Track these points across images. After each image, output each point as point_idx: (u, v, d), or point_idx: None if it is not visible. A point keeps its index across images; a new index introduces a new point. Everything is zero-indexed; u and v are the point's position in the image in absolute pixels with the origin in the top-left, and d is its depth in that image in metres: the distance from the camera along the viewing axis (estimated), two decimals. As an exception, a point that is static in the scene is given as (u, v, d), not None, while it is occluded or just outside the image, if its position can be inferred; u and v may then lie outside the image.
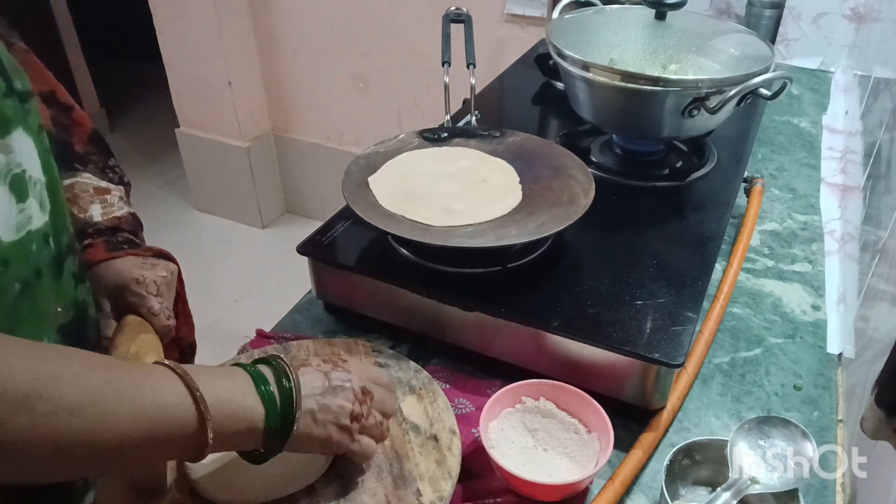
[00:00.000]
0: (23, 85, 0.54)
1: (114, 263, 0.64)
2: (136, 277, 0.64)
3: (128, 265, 0.65)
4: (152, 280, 0.65)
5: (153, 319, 0.64)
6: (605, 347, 0.65)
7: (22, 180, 0.52)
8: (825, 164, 1.14)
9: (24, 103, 0.54)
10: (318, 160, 2.45)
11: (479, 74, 0.94)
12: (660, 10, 0.95)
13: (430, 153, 0.86)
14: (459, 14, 1.01)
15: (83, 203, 0.67)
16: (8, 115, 0.51)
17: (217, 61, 2.25)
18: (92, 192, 0.68)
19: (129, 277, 0.64)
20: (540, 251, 0.77)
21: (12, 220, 0.51)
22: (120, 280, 0.63)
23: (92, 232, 0.66)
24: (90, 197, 0.67)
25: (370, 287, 0.75)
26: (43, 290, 0.53)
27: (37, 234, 0.53)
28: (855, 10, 1.40)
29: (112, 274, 0.64)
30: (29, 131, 0.53)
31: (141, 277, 0.64)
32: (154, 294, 0.64)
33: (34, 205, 0.53)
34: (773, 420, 0.61)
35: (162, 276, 0.66)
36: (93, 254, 0.65)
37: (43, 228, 0.54)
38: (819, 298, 0.85)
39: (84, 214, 0.66)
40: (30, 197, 0.52)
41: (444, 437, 0.61)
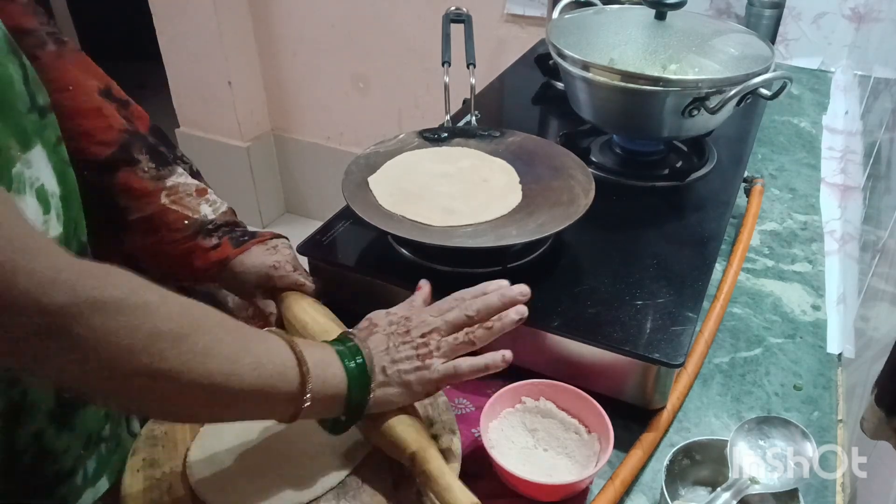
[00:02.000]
0: (43, 100, 0.56)
1: (242, 260, 0.70)
2: (272, 264, 0.70)
3: (258, 256, 0.71)
4: (285, 260, 0.71)
5: (303, 289, 0.71)
6: (605, 347, 0.65)
7: (44, 193, 0.54)
8: (825, 164, 1.14)
9: (43, 118, 0.55)
10: (318, 160, 2.45)
11: (479, 74, 0.94)
12: (660, 10, 0.95)
13: (430, 153, 0.86)
14: (459, 14, 1.01)
15: (192, 205, 0.71)
16: (29, 131, 0.52)
17: (217, 61, 2.25)
18: (195, 195, 0.72)
19: (267, 266, 0.70)
20: (540, 251, 0.77)
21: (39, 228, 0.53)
22: (259, 270, 0.70)
23: (211, 230, 0.71)
24: (195, 199, 0.72)
25: (370, 287, 0.75)
26: None
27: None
28: (855, 10, 1.40)
29: (248, 268, 0.70)
30: (45, 145, 0.54)
31: (276, 263, 0.70)
32: (293, 270, 0.71)
33: (53, 216, 0.55)
34: (773, 420, 0.61)
35: (287, 252, 0.72)
36: (223, 251, 0.70)
37: (57, 238, 0.55)
38: (819, 298, 0.85)
39: (198, 215, 0.71)
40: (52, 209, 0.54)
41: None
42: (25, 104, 0.53)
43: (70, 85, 0.66)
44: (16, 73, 0.52)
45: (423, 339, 0.57)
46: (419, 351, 0.56)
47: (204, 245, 0.70)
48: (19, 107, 0.52)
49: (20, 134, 0.52)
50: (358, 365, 0.54)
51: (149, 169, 0.69)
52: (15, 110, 0.51)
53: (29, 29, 0.63)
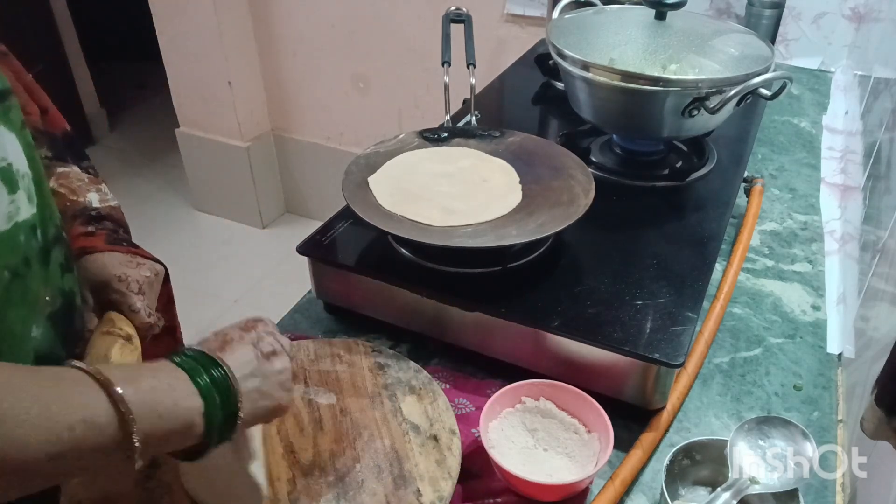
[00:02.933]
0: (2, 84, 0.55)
1: (99, 258, 0.63)
2: (119, 275, 0.63)
3: (113, 261, 0.64)
4: (135, 279, 0.64)
5: (133, 317, 0.62)
6: (605, 347, 0.65)
7: (10, 173, 0.52)
8: (825, 164, 1.14)
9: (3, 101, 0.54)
10: (318, 160, 2.45)
11: (479, 74, 0.94)
12: (660, 10, 0.95)
13: (430, 153, 0.86)
14: (459, 14, 1.01)
15: (80, 190, 0.67)
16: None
17: (217, 61, 2.25)
18: (87, 182, 0.68)
19: (112, 274, 0.63)
20: (540, 251, 0.77)
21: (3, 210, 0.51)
22: (103, 275, 0.63)
23: (93, 217, 0.66)
24: (86, 185, 0.67)
25: (370, 287, 0.75)
26: (32, 279, 0.54)
27: (24, 224, 0.53)
28: (855, 10, 1.40)
29: (97, 268, 0.63)
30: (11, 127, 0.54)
31: (123, 275, 0.63)
32: (135, 292, 0.63)
33: (23, 197, 0.53)
34: (772, 420, 0.61)
35: (146, 275, 0.65)
36: (93, 242, 0.65)
37: (31, 220, 0.54)
38: (819, 298, 0.85)
39: (83, 199, 0.66)
40: (19, 189, 0.53)
41: (444, 437, 0.61)
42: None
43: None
44: None
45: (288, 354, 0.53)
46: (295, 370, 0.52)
47: (76, 230, 0.64)
48: None
49: None
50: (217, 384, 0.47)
51: (43, 157, 0.66)
52: None
53: None
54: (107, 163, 2.84)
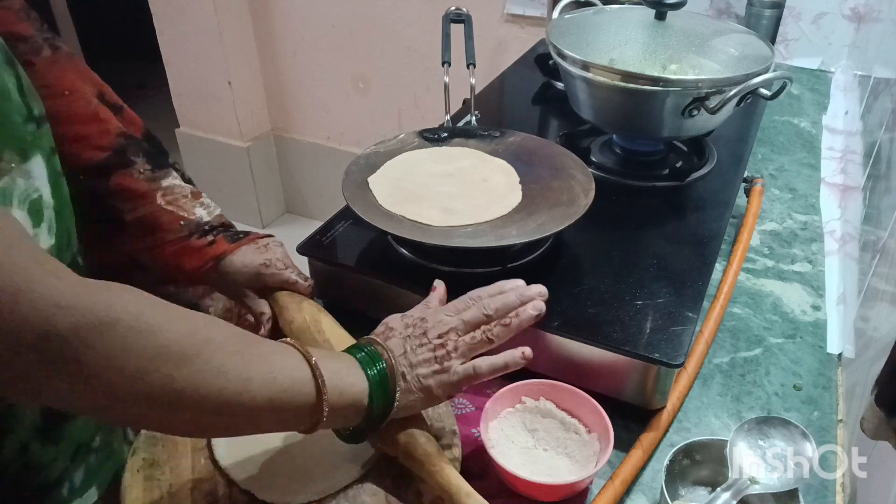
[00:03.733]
0: (38, 110, 0.55)
1: (233, 259, 0.69)
2: (263, 262, 0.69)
3: (248, 255, 0.69)
4: (276, 258, 0.70)
5: (296, 287, 0.70)
6: (605, 347, 0.65)
7: (39, 205, 0.53)
8: (825, 164, 1.14)
9: (39, 128, 0.54)
10: (318, 160, 2.45)
11: (479, 74, 0.94)
12: (660, 10, 0.95)
13: (430, 153, 0.86)
14: (459, 14, 1.01)
15: (187, 206, 0.71)
16: (28, 141, 0.52)
17: (217, 61, 2.25)
18: (190, 197, 0.72)
19: (258, 264, 0.69)
20: (540, 251, 0.77)
21: None
22: (250, 269, 0.69)
23: (208, 230, 0.71)
24: (191, 202, 0.71)
25: (370, 287, 0.75)
26: None
27: None
28: (855, 10, 1.40)
29: (238, 267, 0.69)
30: (42, 154, 0.54)
31: (266, 261, 0.69)
32: (285, 268, 0.70)
33: (44, 229, 0.54)
34: (772, 420, 0.61)
35: (280, 251, 0.71)
36: (220, 249, 0.69)
37: (49, 250, 0.54)
38: (819, 298, 0.85)
39: (193, 217, 0.71)
40: (43, 222, 0.54)
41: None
42: (22, 115, 0.52)
43: (66, 90, 0.65)
44: (11, 84, 0.51)
45: (441, 339, 0.56)
46: (437, 353, 0.55)
47: (197, 244, 0.69)
48: (16, 118, 0.51)
49: (18, 145, 0.51)
50: (379, 372, 0.53)
51: (144, 171, 0.69)
52: (11, 121, 0.51)
53: (24, 35, 0.63)
54: (107, 163, 2.83)
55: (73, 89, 0.66)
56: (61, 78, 0.65)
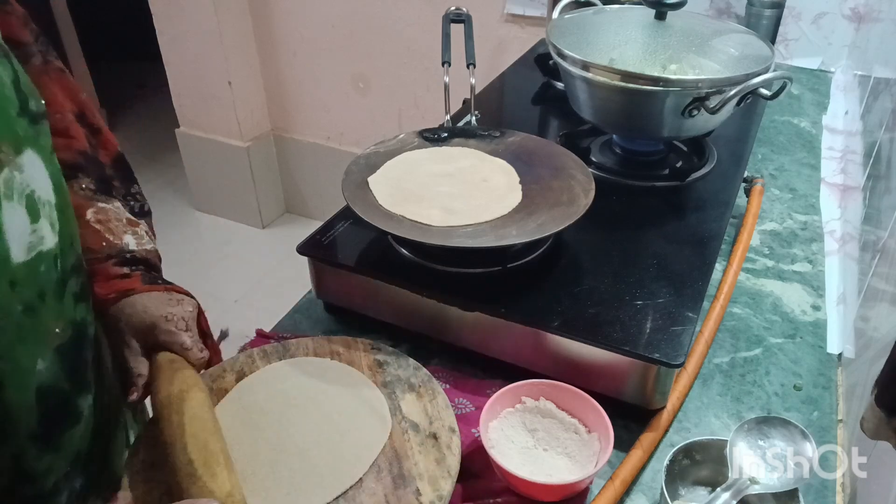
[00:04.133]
0: (37, 106, 0.55)
1: (140, 300, 0.64)
2: (165, 315, 0.64)
3: (155, 302, 0.64)
4: (181, 316, 0.65)
5: (186, 354, 0.64)
6: (605, 347, 0.65)
7: (33, 201, 0.52)
8: (825, 164, 1.14)
9: (36, 124, 0.54)
10: (318, 160, 2.45)
11: (479, 74, 0.94)
12: (660, 10, 0.95)
13: (430, 153, 0.86)
14: (459, 14, 1.01)
15: (116, 231, 0.67)
16: (20, 135, 0.51)
17: (217, 61, 2.25)
18: (125, 223, 0.68)
19: (158, 315, 0.63)
20: (540, 251, 0.77)
21: (25, 240, 0.51)
22: (148, 318, 0.63)
23: (128, 259, 0.67)
24: (123, 227, 0.68)
25: (370, 287, 0.75)
26: (45, 312, 0.54)
27: (47, 255, 0.53)
28: (855, 10, 1.40)
29: (139, 311, 0.64)
30: (40, 152, 0.54)
31: (170, 315, 0.64)
32: (184, 330, 0.64)
33: (45, 225, 0.53)
34: (772, 420, 0.61)
35: (189, 311, 0.66)
36: (131, 284, 0.65)
37: (53, 250, 0.54)
38: (819, 298, 0.85)
39: (118, 242, 0.67)
40: (42, 218, 0.53)
41: (443, 436, 0.61)
42: (14, 107, 0.51)
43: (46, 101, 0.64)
44: (6, 77, 0.51)
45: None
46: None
47: (112, 272, 0.65)
48: (8, 110, 0.51)
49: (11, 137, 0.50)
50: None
51: (86, 188, 0.67)
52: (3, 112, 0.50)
53: (21, 41, 0.63)
54: (107, 163, 2.84)
55: (51, 101, 0.64)
56: (45, 88, 0.64)
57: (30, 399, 0.54)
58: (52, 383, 0.55)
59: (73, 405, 0.59)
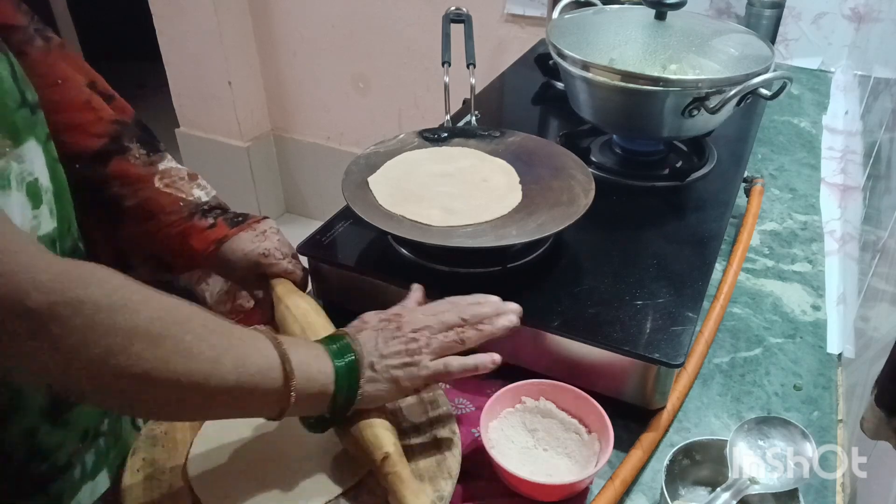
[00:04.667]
0: (32, 96, 0.56)
1: (235, 244, 0.70)
2: (262, 252, 0.70)
3: (246, 243, 0.70)
4: (274, 248, 0.70)
5: (291, 276, 0.70)
6: (605, 347, 0.65)
7: (36, 188, 0.53)
8: (825, 164, 1.14)
9: (33, 114, 0.55)
10: (318, 160, 2.45)
11: (479, 74, 0.94)
12: (660, 10, 0.95)
13: (430, 153, 0.86)
14: (459, 14, 1.01)
15: (185, 188, 0.71)
16: (20, 126, 0.52)
17: (217, 61, 2.25)
18: (187, 178, 0.72)
19: (257, 253, 0.69)
20: (540, 251, 0.77)
21: (27, 225, 0.53)
22: (250, 258, 0.69)
23: (207, 210, 0.71)
24: (188, 183, 0.72)
25: (370, 287, 0.75)
26: None
27: (45, 238, 0.55)
28: (855, 10, 1.40)
29: (239, 255, 0.70)
30: (38, 141, 0.54)
31: (265, 250, 0.70)
32: (281, 258, 0.70)
33: (45, 211, 0.55)
34: (772, 420, 0.61)
35: (276, 238, 0.72)
36: (219, 232, 0.70)
37: (51, 234, 0.55)
38: (819, 298, 0.85)
39: (192, 198, 0.71)
40: (42, 203, 0.54)
41: (443, 437, 0.61)
42: (15, 100, 0.53)
43: (59, 79, 0.66)
44: (4, 70, 0.52)
45: (414, 334, 0.57)
46: (409, 346, 0.56)
47: (200, 225, 0.70)
48: (9, 103, 0.52)
49: (11, 129, 0.52)
50: (347, 363, 0.54)
51: (140, 155, 0.70)
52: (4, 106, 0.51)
53: (17, 25, 0.63)
54: (107, 163, 2.83)
55: (65, 78, 0.66)
56: (54, 67, 0.66)
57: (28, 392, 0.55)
58: None
59: None
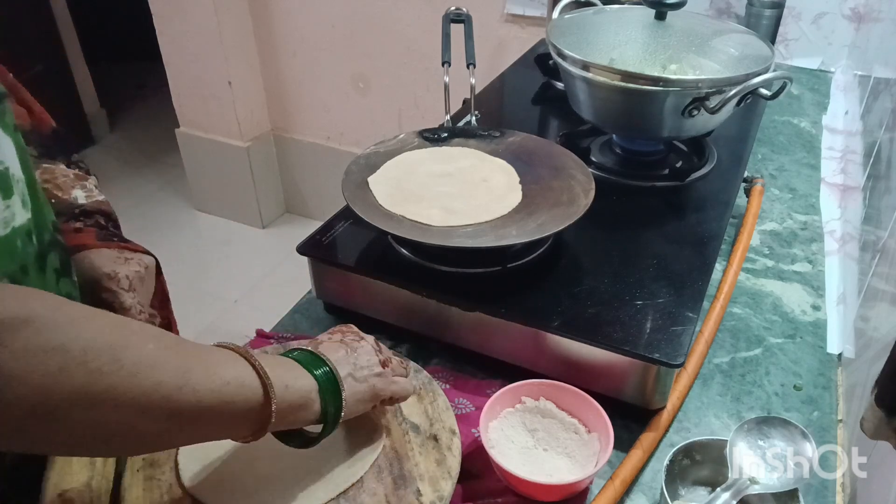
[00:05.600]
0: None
1: (88, 255, 0.63)
2: (109, 273, 0.62)
3: (102, 259, 0.63)
4: (125, 275, 0.63)
5: (126, 314, 0.62)
6: (605, 347, 0.65)
7: (7, 178, 0.52)
8: (825, 164, 1.14)
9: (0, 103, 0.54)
10: (318, 160, 2.45)
11: (479, 74, 0.94)
12: (660, 10, 0.95)
13: (430, 153, 0.86)
14: (459, 14, 1.01)
15: (65, 186, 0.66)
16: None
17: (217, 61, 2.25)
18: (72, 177, 0.67)
19: (102, 272, 0.62)
20: (540, 251, 0.77)
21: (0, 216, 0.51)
22: (93, 274, 0.62)
23: (79, 213, 0.65)
24: (71, 181, 0.67)
25: (370, 287, 0.75)
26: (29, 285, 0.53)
27: (21, 230, 0.53)
28: (855, 10, 1.40)
29: (86, 267, 0.62)
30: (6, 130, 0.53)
31: (113, 273, 0.63)
32: (126, 289, 0.63)
33: (17, 202, 0.53)
34: (772, 420, 0.61)
35: (135, 270, 0.65)
36: (83, 239, 0.64)
37: (26, 225, 0.54)
38: (819, 298, 0.85)
39: (68, 196, 0.65)
40: (14, 194, 0.53)
41: (443, 437, 0.61)
42: None
43: None
44: None
45: (377, 346, 0.58)
46: (378, 357, 0.57)
47: (64, 228, 0.63)
48: None
49: None
50: (324, 372, 0.53)
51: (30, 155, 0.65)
52: None
53: None
54: (107, 163, 2.84)
55: None
56: None
57: None
58: None
59: None
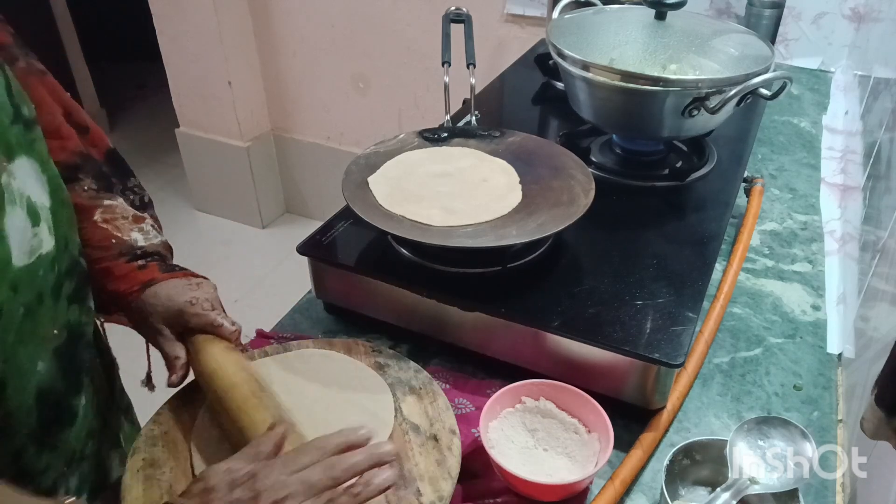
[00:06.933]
0: (29, 112, 0.55)
1: (162, 289, 0.65)
2: (189, 300, 0.64)
3: (176, 289, 0.65)
4: (204, 298, 0.65)
5: (219, 331, 0.64)
6: (605, 347, 0.65)
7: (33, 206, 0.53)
8: (825, 164, 1.14)
9: (29, 130, 0.54)
10: (318, 160, 2.45)
11: (479, 74, 0.94)
12: (660, 10, 0.95)
13: (430, 153, 0.86)
14: (459, 14, 1.01)
15: (123, 227, 0.68)
16: (12, 143, 0.52)
17: (217, 61, 2.25)
18: (131, 220, 0.69)
19: (182, 301, 0.64)
20: (540, 251, 0.77)
21: (27, 244, 0.52)
22: (174, 306, 0.64)
23: (139, 255, 0.67)
24: (129, 224, 0.68)
25: (370, 287, 0.75)
26: (44, 314, 0.54)
27: (46, 258, 0.54)
28: (855, 10, 1.40)
29: (163, 300, 0.64)
30: (35, 158, 0.54)
31: (193, 299, 0.64)
32: (210, 309, 0.65)
33: (44, 229, 0.54)
34: (772, 420, 0.61)
35: (210, 292, 0.67)
36: (150, 275, 0.66)
37: (51, 252, 0.55)
38: (819, 298, 0.85)
39: (127, 237, 0.67)
40: (42, 221, 0.54)
41: (443, 437, 0.61)
42: (8, 115, 0.52)
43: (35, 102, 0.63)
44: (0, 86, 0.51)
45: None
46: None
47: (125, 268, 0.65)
48: (2, 118, 0.51)
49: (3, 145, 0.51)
50: None
51: (88, 189, 0.67)
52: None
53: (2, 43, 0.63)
54: (107, 163, 2.84)
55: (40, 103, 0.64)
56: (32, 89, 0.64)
57: (30, 399, 0.55)
58: (50, 384, 0.56)
59: (69, 405, 0.60)
